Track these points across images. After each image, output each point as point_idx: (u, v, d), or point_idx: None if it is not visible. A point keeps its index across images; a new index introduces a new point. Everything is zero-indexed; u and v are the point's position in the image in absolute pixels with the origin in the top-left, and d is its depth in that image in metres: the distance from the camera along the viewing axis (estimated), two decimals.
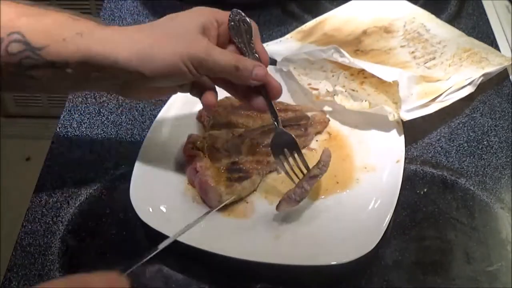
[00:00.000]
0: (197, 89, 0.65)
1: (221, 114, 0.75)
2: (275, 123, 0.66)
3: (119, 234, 0.65)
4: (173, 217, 0.64)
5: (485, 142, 0.75)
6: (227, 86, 0.66)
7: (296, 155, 0.66)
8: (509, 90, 0.82)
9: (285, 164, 0.66)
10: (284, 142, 0.66)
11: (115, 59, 0.56)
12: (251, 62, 0.62)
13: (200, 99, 0.64)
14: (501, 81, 0.83)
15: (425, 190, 0.69)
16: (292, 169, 0.66)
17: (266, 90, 0.64)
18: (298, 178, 0.66)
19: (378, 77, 0.76)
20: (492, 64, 0.81)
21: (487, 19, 0.95)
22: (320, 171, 0.65)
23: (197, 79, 0.62)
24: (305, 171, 0.66)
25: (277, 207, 0.64)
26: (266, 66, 0.64)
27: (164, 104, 0.76)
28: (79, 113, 0.80)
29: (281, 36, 0.91)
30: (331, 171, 0.70)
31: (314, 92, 0.79)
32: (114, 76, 0.58)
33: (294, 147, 0.66)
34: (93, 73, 0.57)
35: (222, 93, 0.77)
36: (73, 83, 0.60)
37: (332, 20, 0.93)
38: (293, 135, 0.66)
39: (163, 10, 0.90)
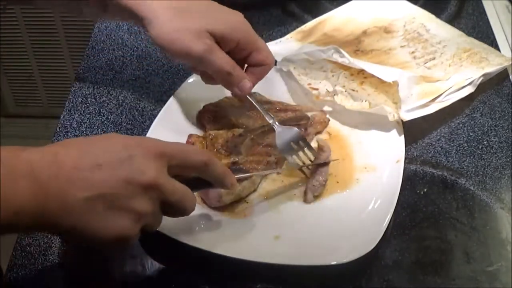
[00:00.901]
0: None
1: (221, 114, 0.75)
2: (274, 124, 0.70)
3: None
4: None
5: (485, 142, 0.75)
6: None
7: (303, 145, 0.69)
8: (509, 90, 0.82)
9: (297, 158, 0.69)
10: (289, 137, 0.69)
11: (141, 17, 0.67)
12: (243, 74, 0.69)
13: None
14: (501, 81, 0.83)
15: (425, 190, 0.69)
16: (303, 162, 0.69)
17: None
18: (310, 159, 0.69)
19: (378, 77, 0.76)
20: (492, 64, 0.81)
21: (487, 19, 0.95)
22: (326, 154, 0.69)
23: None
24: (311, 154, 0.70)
25: (305, 200, 0.67)
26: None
27: (164, 104, 0.76)
28: (79, 113, 0.80)
29: (281, 36, 0.91)
30: (331, 171, 0.70)
31: (314, 92, 0.79)
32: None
33: (300, 138, 0.70)
34: (125, 18, 0.70)
35: (222, 93, 0.77)
36: (111, 16, 0.76)
37: (332, 20, 0.93)
38: (295, 128, 0.70)
39: None
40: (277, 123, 0.70)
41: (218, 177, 0.56)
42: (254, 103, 0.71)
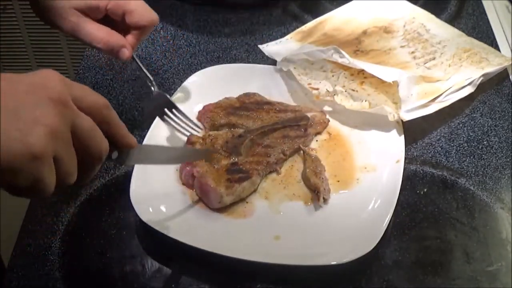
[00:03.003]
0: None
1: (221, 115, 0.75)
2: (152, 86, 0.73)
3: (119, 234, 0.65)
4: (173, 217, 0.64)
5: (485, 142, 0.75)
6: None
7: (176, 112, 0.73)
8: (509, 90, 0.82)
9: (172, 122, 0.72)
10: (163, 103, 0.72)
11: None
12: (118, 42, 0.69)
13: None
14: (501, 81, 0.83)
15: (425, 190, 0.69)
16: (179, 124, 0.72)
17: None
18: (186, 130, 0.72)
19: (378, 77, 0.76)
20: (492, 64, 0.81)
21: (487, 19, 0.95)
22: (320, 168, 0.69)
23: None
24: (188, 123, 0.73)
25: (319, 203, 0.66)
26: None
27: None
28: None
29: (281, 36, 0.91)
30: (331, 171, 0.70)
31: (314, 92, 0.79)
32: None
33: (172, 106, 0.72)
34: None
35: (221, 94, 0.77)
36: None
37: (332, 20, 0.93)
38: (167, 96, 0.73)
39: (163, 9, 0.90)
40: (155, 87, 0.73)
41: (117, 124, 0.50)
42: (139, 64, 0.73)
